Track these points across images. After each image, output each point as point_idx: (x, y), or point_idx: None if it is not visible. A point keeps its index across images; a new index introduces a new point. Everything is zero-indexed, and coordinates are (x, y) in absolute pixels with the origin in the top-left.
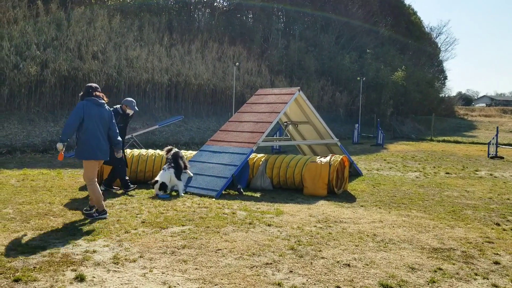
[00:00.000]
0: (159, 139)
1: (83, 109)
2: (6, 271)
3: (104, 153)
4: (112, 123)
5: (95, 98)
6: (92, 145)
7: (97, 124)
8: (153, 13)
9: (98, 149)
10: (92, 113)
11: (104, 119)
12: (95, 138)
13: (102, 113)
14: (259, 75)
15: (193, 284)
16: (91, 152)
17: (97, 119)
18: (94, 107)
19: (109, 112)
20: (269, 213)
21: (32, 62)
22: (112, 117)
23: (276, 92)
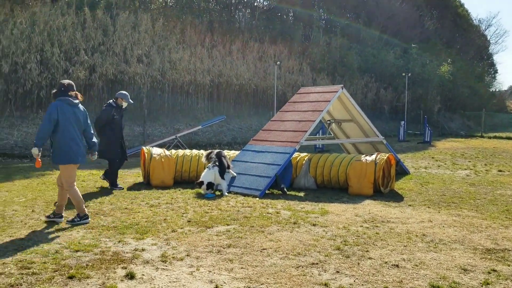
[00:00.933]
0: (202, 139)
1: (57, 111)
2: (61, 268)
3: (83, 156)
4: (87, 124)
5: (68, 97)
6: (73, 149)
7: (73, 126)
8: (195, 15)
9: (78, 153)
10: (67, 115)
11: (79, 120)
12: (74, 141)
13: (76, 114)
14: (301, 73)
15: (240, 283)
16: (72, 156)
17: (73, 120)
18: (68, 107)
19: (84, 113)
20: (313, 213)
21: (80, 67)
22: (87, 117)
23: (319, 90)
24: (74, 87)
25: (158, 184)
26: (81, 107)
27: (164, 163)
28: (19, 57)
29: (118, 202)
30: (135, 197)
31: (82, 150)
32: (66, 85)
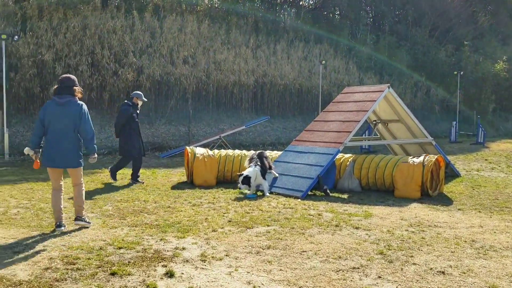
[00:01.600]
0: (246, 139)
1: (44, 112)
2: (104, 265)
3: (65, 160)
4: (85, 121)
5: (56, 97)
6: (51, 151)
7: (61, 127)
8: (240, 16)
9: (56, 156)
10: (55, 115)
11: (69, 119)
12: (56, 143)
13: (66, 113)
14: (347, 72)
15: (278, 285)
16: (49, 159)
17: (61, 121)
18: (56, 107)
19: (77, 110)
20: (357, 216)
21: (129, 68)
22: (82, 115)
23: (364, 89)
24: (67, 82)
25: (201, 183)
26: (77, 103)
27: (207, 163)
28: (72, 60)
29: (161, 200)
30: (178, 196)
31: (67, 152)
32: (59, 81)
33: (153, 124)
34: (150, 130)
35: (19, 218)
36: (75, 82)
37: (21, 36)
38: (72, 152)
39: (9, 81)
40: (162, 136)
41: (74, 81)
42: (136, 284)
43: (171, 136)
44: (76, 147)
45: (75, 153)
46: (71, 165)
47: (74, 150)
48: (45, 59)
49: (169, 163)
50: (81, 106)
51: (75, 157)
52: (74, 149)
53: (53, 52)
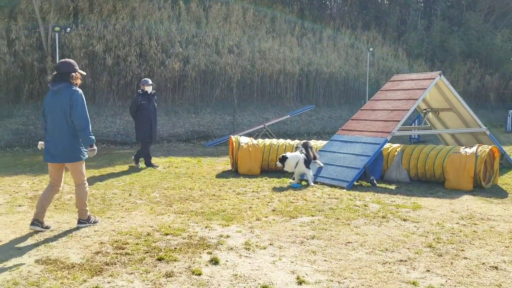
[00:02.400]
0: (291, 128)
1: (44, 102)
2: (151, 250)
3: (62, 154)
4: (75, 108)
5: (50, 84)
6: (48, 144)
7: (55, 117)
8: (285, 3)
9: (52, 149)
10: (50, 104)
11: (61, 108)
12: (52, 135)
13: (59, 102)
14: (396, 60)
15: (322, 275)
16: (46, 152)
17: (54, 110)
18: (51, 96)
19: (67, 98)
20: (404, 207)
21: (175, 58)
22: (72, 102)
23: (414, 77)
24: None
25: (245, 172)
26: (67, 91)
27: (251, 152)
28: (121, 51)
29: (207, 188)
30: (223, 185)
31: (60, 146)
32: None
33: (199, 113)
34: (195, 119)
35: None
36: (73, 67)
37: (73, 28)
38: (69, 144)
39: None
40: (207, 125)
41: (72, 66)
42: (182, 270)
43: (216, 125)
44: (73, 139)
45: (72, 146)
46: (68, 159)
47: (71, 143)
48: (96, 50)
49: (214, 151)
50: (73, 92)
51: (72, 151)
52: (70, 142)
53: (103, 43)
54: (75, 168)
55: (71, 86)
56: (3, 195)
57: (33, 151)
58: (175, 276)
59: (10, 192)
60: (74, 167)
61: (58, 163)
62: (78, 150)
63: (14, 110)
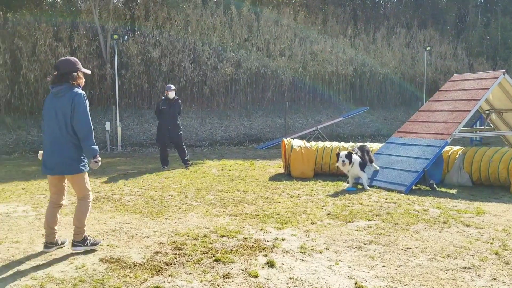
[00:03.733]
0: (344, 131)
1: (44, 105)
2: (208, 251)
3: (60, 165)
4: (78, 113)
5: (51, 86)
6: (45, 155)
7: (53, 123)
8: (337, 4)
9: (49, 160)
10: (48, 109)
11: (61, 113)
12: (49, 144)
13: (59, 106)
14: (455, 59)
15: (381, 281)
16: (44, 164)
17: (53, 115)
18: (51, 100)
19: (69, 101)
20: (467, 212)
21: (227, 63)
22: (77, 106)
23: (475, 77)
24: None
25: (298, 175)
26: (68, 94)
27: (304, 155)
28: (175, 56)
29: (260, 191)
30: (276, 188)
31: (54, 157)
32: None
33: (250, 117)
34: (247, 123)
35: (132, 204)
36: (75, 66)
37: (130, 36)
38: (68, 154)
39: (120, 78)
40: (259, 128)
41: (74, 64)
42: (239, 272)
43: (267, 128)
44: (73, 148)
45: (72, 156)
46: (68, 171)
47: (70, 152)
48: (152, 57)
49: (266, 154)
50: (76, 95)
51: (72, 162)
52: (70, 151)
53: (159, 50)
54: (75, 181)
55: (72, 87)
56: (68, 197)
57: None
58: (232, 277)
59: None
60: (74, 180)
61: (57, 175)
62: (78, 161)
63: None
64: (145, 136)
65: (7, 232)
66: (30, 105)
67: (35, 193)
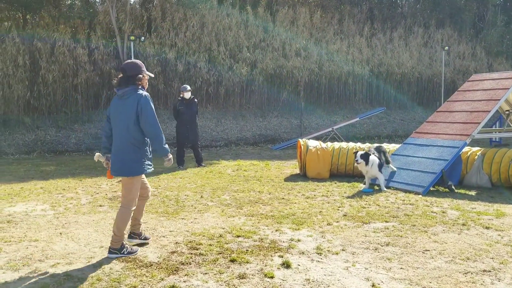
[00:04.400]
0: (360, 131)
1: (109, 108)
2: (224, 251)
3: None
4: (145, 115)
5: (116, 89)
6: (112, 158)
7: (118, 124)
8: (353, 4)
9: (115, 162)
10: (114, 111)
11: (126, 115)
12: (115, 145)
13: (124, 108)
14: (473, 58)
15: (399, 284)
16: (112, 165)
17: (119, 117)
18: (116, 101)
19: (134, 103)
20: (487, 214)
21: (243, 63)
22: (144, 108)
23: (495, 76)
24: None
25: (314, 176)
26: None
27: (320, 155)
28: (191, 57)
29: (276, 192)
30: (292, 188)
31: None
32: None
33: (266, 117)
34: (262, 123)
35: (148, 204)
36: (141, 69)
37: (146, 37)
38: (128, 155)
39: None
40: (274, 129)
41: (139, 67)
42: (254, 272)
43: (283, 129)
44: (133, 150)
45: (131, 157)
46: (125, 172)
47: (130, 154)
48: (168, 58)
49: (281, 155)
50: (141, 97)
51: (131, 163)
52: (130, 152)
53: (175, 51)
54: (129, 183)
55: (137, 89)
56: (86, 196)
57: None
58: (248, 278)
59: (92, 193)
60: (128, 182)
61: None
62: (138, 163)
63: (93, 115)
64: None
65: (26, 230)
66: (49, 105)
67: (53, 192)
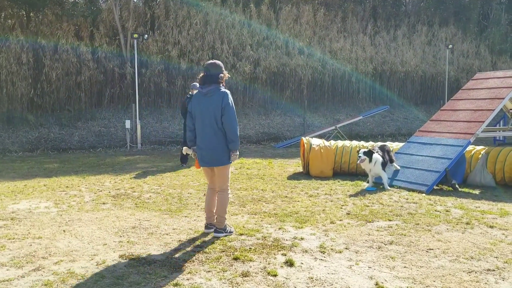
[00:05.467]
0: (363, 130)
1: (191, 104)
2: (227, 249)
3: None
4: (228, 112)
5: (200, 87)
6: (199, 148)
7: (204, 120)
8: (357, 2)
9: (204, 153)
10: (199, 107)
11: (212, 111)
12: (202, 139)
13: (209, 104)
14: (477, 57)
15: (402, 282)
16: (199, 156)
17: (205, 113)
18: (200, 98)
19: (219, 100)
20: (491, 213)
21: (246, 61)
22: (227, 105)
23: (499, 75)
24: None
25: (317, 174)
26: (218, 94)
27: (323, 154)
28: (194, 55)
29: (279, 190)
30: (295, 186)
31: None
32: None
33: (269, 115)
34: (265, 121)
35: (151, 202)
36: (222, 69)
37: (150, 34)
38: (219, 147)
39: (140, 76)
40: (277, 127)
41: (221, 67)
42: (258, 270)
43: (286, 127)
44: (223, 142)
45: (222, 149)
46: (218, 162)
47: (220, 146)
48: (171, 55)
49: (284, 153)
50: (224, 95)
51: (222, 154)
52: (220, 144)
53: (178, 49)
54: (222, 172)
55: (220, 88)
56: (89, 193)
57: (114, 152)
58: (251, 276)
59: (95, 190)
60: (222, 171)
61: (210, 166)
62: (227, 153)
63: (96, 113)
64: (164, 134)
65: (30, 228)
66: (52, 103)
67: (56, 189)
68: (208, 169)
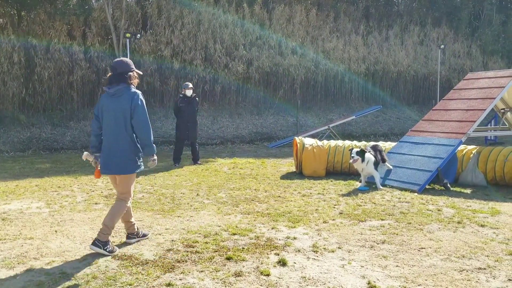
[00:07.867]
0: (356, 130)
1: (97, 106)
2: (220, 249)
3: (116, 165)
4: (138, 113)
5: (107, 87)
6: (103, 154)
7: (111, 123)
8: (349, 2)
9: (108, 159)
10: (106, 109)
11: (121, 113)
12: (107, 144)
13: (118, 106)
14: (469, 57)
15: (394, 281)
16: (102, 163)
17: (111, 115)
18: (107, 99)
19: (128, 101)
20: (482, 212)
21: (239, 61)
22: (137, 106)
23: (490, 75)
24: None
25: (310, 174)
26: (127, 94)
27: (316, 153)
28: (187, 55)
29: (272, 190)
30: (287, 186)
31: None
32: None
33: (262, 115)
34: (258, 121)
35: (144, 202)
36: (130, 66)
37: (142, 34)
38: (125, 154)
39: None
40: (270, 127)
41: (129, 65)
42: (250, 270)
43: (279, 127)
44: (131, 149)
45: (128, 156)
46: (122, 170)
47: (127, 153)
48: (164, 55)
49: (277, 153)
50: (134, 95)
51: (128, 161)
52: (127, 152)
53: (171, 48)
54: (126, 180)
55: (129, 87)
56: (81, 194)
57: None
58: (244, 275)
59: (87, 190)
60: (124, 180)
61: (114, 174)
62: (134, 161)
63: (89, 113)
64: (156, 134)
65: (21, 228)
66: (44, 102)
67: (48, 190)
68: (112, 177)
